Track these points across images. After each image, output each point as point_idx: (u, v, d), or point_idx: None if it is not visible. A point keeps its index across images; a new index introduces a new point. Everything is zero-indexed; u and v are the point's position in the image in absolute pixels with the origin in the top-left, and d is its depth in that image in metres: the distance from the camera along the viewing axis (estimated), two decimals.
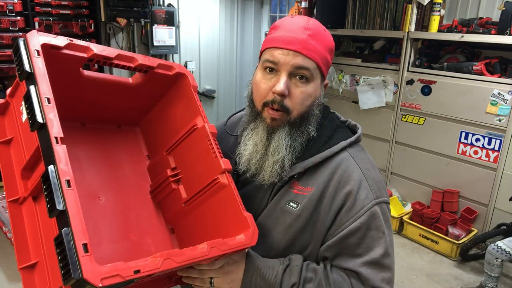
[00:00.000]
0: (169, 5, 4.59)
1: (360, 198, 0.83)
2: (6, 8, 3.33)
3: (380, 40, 3.78)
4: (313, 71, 0.83)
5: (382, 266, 0.82)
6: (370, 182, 0.85)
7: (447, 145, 3.22)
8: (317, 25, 0.86)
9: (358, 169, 0.86)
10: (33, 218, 0.78)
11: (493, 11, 3.21)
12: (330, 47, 0.87)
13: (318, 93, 0.87)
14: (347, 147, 0.88)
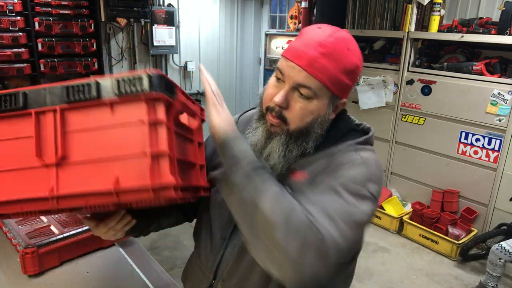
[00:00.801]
0: (169, 5, 4.59)
1: (348, 170, 0.80)
2: (6, 8, 3.33)
3: (380, 40, 3.78)
4: (316, 90, 0.80)
5: (350, 216, 0.75)
6: (365, 169, 0.81)
7: (447, 145, 3.22)
8: (338, 42, 0.81)
9: (360, 158, 0.83)
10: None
11: (493, 11, 3.21)
12: (348, 68, 0.80)
13: (322, 112, 0.83)
14: (355, 144, 0.86)
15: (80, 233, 1.34)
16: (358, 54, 0.83)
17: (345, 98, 0.86)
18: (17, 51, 3.46)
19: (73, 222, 1.42)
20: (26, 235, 1.29)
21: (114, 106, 0.75)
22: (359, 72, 0.84)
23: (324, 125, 0.85)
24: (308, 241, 0.66)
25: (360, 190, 0.78)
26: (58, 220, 1.43)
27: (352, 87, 0.84)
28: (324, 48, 0.79)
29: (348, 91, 0.85)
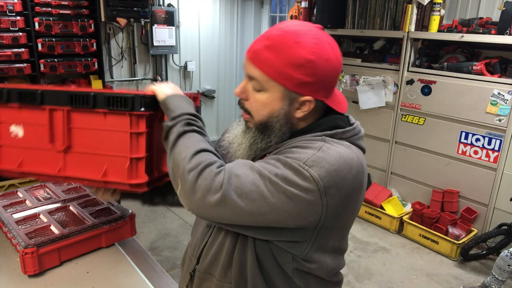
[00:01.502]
0: (169, 5, 4.59)
1: (295, 154, 0.80)
2: (6, 8, 3.33)
3: (380, 40, 3.78)
4: (263, 82, 0.82)
5: (252, 173, 0.78)
6: (318, 153, 0.78)
7: (447, 145, 3.22)
8: (285, 35, 0.80)
9: (319, 146, 0.80)
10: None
11: (493, 11, 3.21)
12: (294, 61, 0.79)
13: (276, 106, 0.84)
14: (322, 135, 0.84)
15: (80, 233, 1.34)
16: (309, 48, 0.79)
17: (309, 95, 0.82)
18: (17, 51, 3.46)
19: (73, 222, 1.42)
20: (26, 235, 1.29)
21: (106, 115, 0.97)
22: (315, 67, 0.79)
23: (289, 123, 0.86)
24: (200, 185, 0.77)
25: (291, 167, 0.77)
26: (58, 220, 1.43)
27: (310, 82, 0.80)
28: (268, 40, 0.81)
29: (307, 87, 0.81)
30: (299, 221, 0.79)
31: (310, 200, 0.76)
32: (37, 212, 1.46)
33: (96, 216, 1.46)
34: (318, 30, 0.84)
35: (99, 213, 1.50)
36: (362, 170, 0.83)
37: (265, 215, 0.77)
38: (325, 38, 0.83)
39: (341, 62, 0.86)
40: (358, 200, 0.86)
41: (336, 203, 0.79)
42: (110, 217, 1.44)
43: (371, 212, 3.57)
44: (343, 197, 0.80)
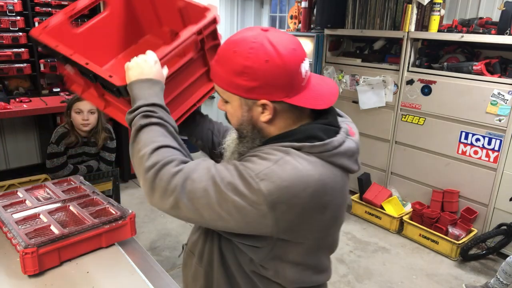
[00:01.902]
0: None
1: (251, 163, 0.81)
2: (6, 8, 3.34)
3: (380, 40, 3.78)
4: (222, 94, 0.89)
5: (204, 190, 0.80)
6: (272, 166, 0.78)
7: (447, 145, 3.22)
8: (226, 47, 0.85)
9: (279, 156, 0.80)
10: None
11: (493, 11, 3.21)
12: (236, 70, 0.82)
13: (239, 113, 0.88)
14: (290, 147, 0.82)
15: (80, 233, 1.34)
16: (246, 55, 0.81)
17: (263, 98, 0.83)
18: (17, 51, 3.47)
19: (73, 222, 1.42)
20: (26, 235, 1.29)
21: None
22: (254, 71, 0.81)
23: (257, 127, 0.88)
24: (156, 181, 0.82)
25: (242, 178, 0.78)
26: (58, 220, 1.43)
27: (256, 86, 0.82)
28: (217, 55, 0.88)
29: (256, 91, 0.83)
30: (250, 230, 0.82)
31: (258, 213, 0.77)
32: (37, 212, 1.46)
33: (96, 216, 1.46)
34: (260, 33, 0.83)
35: (99, 213, 1.50)
36: (323, 190, 0.80)
37: (215, 221, 0.81)
38: (265, 39, 0.82)
39: (287, 58, 0.82)
40: (322, 219, 0.84)
41: (289, 220, 0.79)
42: (110, 217, 1.44)
43: (371, 212, 3.57)
44: (297, 215, 0.79)
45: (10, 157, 3.88)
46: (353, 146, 0.88)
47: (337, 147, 0.84)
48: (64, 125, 2.48)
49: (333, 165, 0.84)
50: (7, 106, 3.22)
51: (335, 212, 0.87)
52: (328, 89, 0.91)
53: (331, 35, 3.94)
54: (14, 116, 3.29)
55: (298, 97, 0.85)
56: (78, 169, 2.51)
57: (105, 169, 2.64)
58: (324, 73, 4.00)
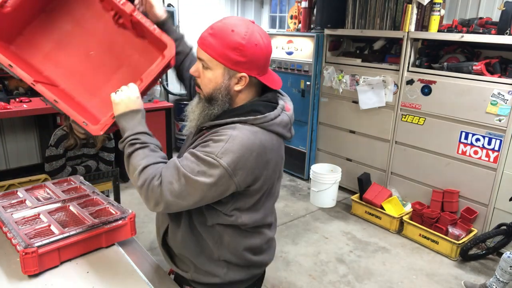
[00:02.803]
0: (169, 5, 4.59)
1: (208, 147, 1.06)
2: None
3: (380, 40, 3.78)
4: (208, 62, 1.08)
5: (178, 180, 1.05)
6: (225, 145, 1.03)
7: (447, 145, 3.22)
8: (224, 26, 1.06)
9: (228, 135, 1.05)
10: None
11: (493, 11, 3.21)
12: (231, 45, 1.04)
13: (219, 80, 1.09)
14: (238, 122, 1.08)
15: (80, 233, 1.34)
16: (242, 35, 1.04)
17: (243, 71, 1.08)
18: None
19: (73, 222, 1.42)
20: (26, 235, 1.29)
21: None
22: (246, 50, 1.05)
23: (230, 94, 1.11)
24: (148, 191, 1.08)
25: (208, 163, 1.03)
26: (58, 220, 1.43)
27: (243, 61, 1.06)
28: (212, 30, 1.08)
29: (241, 65, 1.06)
30: (223, 195, 1.09)
31: (224, 182, 1.05)
32: (37, 212, 1.46)
33: (96, 216, 1.46)
34: (250, 23, 1.08)
35: (99, 213, 1.50)
36: (264, 151, 1.08)
37: (200, 201, 1.08)
38: (255, 29, 1.08)
39: (269, 47, 1.10)
40: (268, 174, 1.12)
41: (245, 178, 1.07)
42: (110, 217, 1.44)
43: (371, 212, 3.57)
44: (249, 173, 1.07)
45: (10, 157, 3.89)
46: (286, 118, 1.15)
47: (273, 119, 1.11)
48: (63, 128, 2.48)
49: (271, 132, 1.11)
50: (7, 106, 3.22)
51: (275, 166, 1.16)
52: (278, 78, 1.21)
53: (331, 35, 3.94)
54: (14, 116, 3.29)
55: (265, 77, 1.13)
56: (77, 170, 2.51)
57: (104, 169, 2.64)
58: (324, 73, 4.00)
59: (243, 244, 1.22)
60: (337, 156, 4.14)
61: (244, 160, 1.04)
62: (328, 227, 3.49)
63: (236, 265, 1.24)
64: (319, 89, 4.13)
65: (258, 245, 1.26)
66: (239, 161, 1.04)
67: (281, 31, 4.89)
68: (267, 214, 1.25)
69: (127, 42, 1.39)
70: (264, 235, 1.28)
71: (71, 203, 1.55)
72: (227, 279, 1.24)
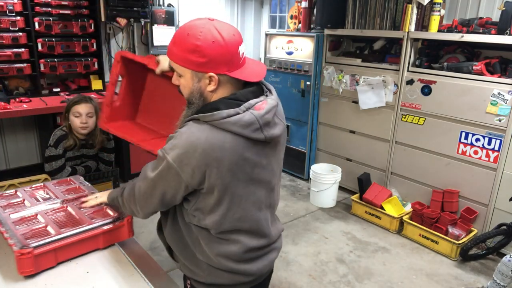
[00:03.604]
0: (169, 5, 4.59)
1: (165, 144, 1.12)
2: (6, 8, 3.34)
3: (380, 40, 3.78)
4: (177, 69, 1.13)
5: (143, 179, 1.18)
6: (173, 141, 1.09)
7: (447, 145, 3.22)
8: (180, 31, 1.09)
9: (178, 133, 1.10)
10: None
11: (493, 11, 3.21)
12: (189, 48, 1.06)
13: (190, 84, 1.12)
14: (192, 120, 1.11)
15: (76, 234, 1.34)
16: (197, 37, 1.05)
17: (209, 71, 1.08)
18: (17, 51, 3.47)
19: (71, 223, 1.42)
20: (23, 235, 1.29)
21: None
22: (204, 50, 1.05)
23: (203, 95, 1.13)
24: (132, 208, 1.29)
25: (159, 158, 1.11)
26: (56, 220, 1.43)
27: (205, 62, 1.06)
28: (173, 38, 1.11)
29: (205, 66, 1.07)
30: (178, 191, 1.13)
31: (173, 177, 1.09)
32: (35, 212, 1.46)
33: (93, 217, 1.46)
34: (208, 21, 1.08)
35: (97, 214, 1.49)
36: (211, 148, 1.06)
37: (163, 196, 1.16)
38: (212, 26, 1.06)
39: (230, 41, 1.07)
40: (220, 172, 1.08)
41: (191, 175, 1.07)
42: (107, 218, 1.44)
43: (371, 212, 3.57)
44: (196, 170, 1.06)
45: (10, 157, 3.89)
46: (249, 118, 1.08)
47: (225, 117, 1.06)
48: (62, 128, 2.48)
49: (223, 130, 1.07)
50: (7, 106, 3.22)
51: (232, 166, 1.09)
52: (259, 69, 1.19)
53: (331, 35, 3.94)
54: (14, 116, 3.29)
55: (236, 72, 1.11)
56: (77, 170, 2.51)
57: (104, 169, 2.63)
58: (324, 73, 4.00)
59: (216, 250, 1.19)
60: (337, 156, 4.13)
61: (189, 156, 1.06)
62: (328, 227, 3.49)
63: (217, 269, 1.22)
64: (319, 89, 4.13)
65: (235, 253, 1.20)
66: (184, 157, 1.06)
67: (281, 31, 4.88)
68: (238, 220, 1.17)
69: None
70: (241, 244, 1.20)
71: (70, 203, 1.55)
72: (209, 280, 1.24)
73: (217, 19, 1.10)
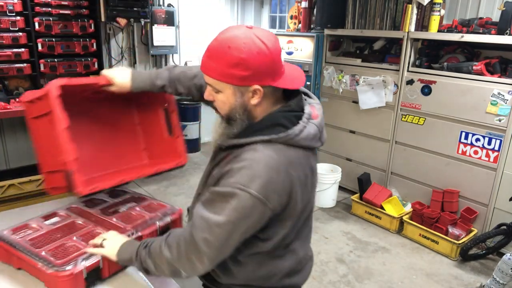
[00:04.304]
0: (169, 5, 4.59)
1: (231, 178, 0.98)
2: (6, 8, 3.33)
3: (380, 40, 3.78)
4: (215, 85, 1.02)
5: (211, 228, 0.98)
6: (249, 172, 0.97)
7: (447, 145, 3.22)
8: (219, 44, 0.98)
9: (250, 160, 0.98)
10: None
11: (493, 11, 3.21)
12: (233, 62, 0.96)
13: (232, 100, 1.03)
14: (260, 142, 1.01)
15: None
16: (241, 49, 0.95)
17: (254, 83, 0.99)
18: (17, 51, 3.46)
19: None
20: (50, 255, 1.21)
21: None
22: (249, 62, 0.96)
23: (247, 110, 1.04)
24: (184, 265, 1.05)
25: (227, 195, 0.96)
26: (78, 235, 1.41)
27: (249, 74, 0.97)
28: (209, 52, 1.01)
29: (250, 79, 0.98)
30: (262, 224, 1.02)
31: (259, 211, 0.97)
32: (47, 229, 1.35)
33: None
34: (247, 30, 0.99)
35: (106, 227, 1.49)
36: (290, 166, 1.01)
37: (241, 238, 1.01)
38: (253, 35, 0.97)
39: (274, 49, 0.99)
40: (300, 185, 1.04)
41: (279, 200, 0.99)
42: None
43: (371, 212, 3.57)
44: (282, 193, 1.00)
45: (10, 157, 3.88)
46: (314, 129, 1.06)
47: (298, 134, 1.02)
48: None
49: (296, 146, 1.03)
50: (7, 106, 3.22)
51: (307, 179, 1.08)
52: (298, 73, 1.11)
53: (331, 35, 3.94)
54: (14, 116, 3.29)
55: (280, 80, 1.03)
56: None
57: None
58: (324, 73, 4.00)
59: (268, 269, 1.15)
60: (337, 156, 4.14)
61: (274, 182, 0.97)
62: (328, 227, 3.49)
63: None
64: (319, 89, 4.13)
65: (289, 266, 1.18)
66: (269, 184, 0.96)
67: (281, 31, 4.88)
68: (300, 228, 1.17)
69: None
70: (296, 255, 1.19)
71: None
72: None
73: (255, 26, 1.02)
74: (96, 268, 1.22)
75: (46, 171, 1.43)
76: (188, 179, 4.39)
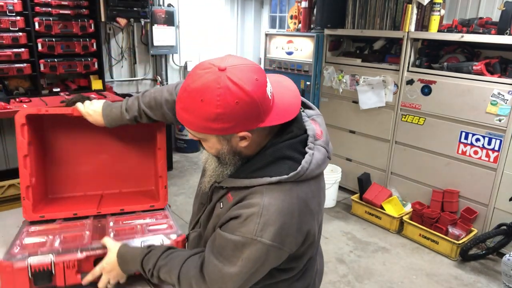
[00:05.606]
0: (169, 5, 4.59)
1: (242, 227, 0.90)
2: (6, 8, 3.33)
3: (380, 40, 3.78)
4: (196, 134, 0.92)
5: (224, 279, 0.92)
6: (260, 220, 0.88)
7: (447, 145, 3.22)
8: (190, 96, 0.85)
9: (259, 206, 0.89)
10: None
11: (493, 11, 3.21)
12: (208, 117, 0.84)
13: (219, 147, 0.93)
14: (268, 184, 0.90)
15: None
16: (215, 103, 0.82)
17: (239, 131, 0.88)
18: (17, 51, 3.46)
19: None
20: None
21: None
22: (227, 115, 0.83)
23: (236, 154, 0.95)
24: None
25: (239, 245, 0.89)
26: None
27: (231, 125, 0.85)
28: (181, 103, 0.88)
29: (233, 128, 0.86)
30: (278, 261, 0.95)
31: (275, 256, 0.91)
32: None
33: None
34: (220, 75, 0.83)
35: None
36: (305, 204, 0.92)
37: (259, 276, 0.96)
38: (227, 81, 0.82)
39: (255, 90, 0.84)
40: (317, 217, 0.99)
41: (295, 241, 0.93)
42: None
43: (371, 212, 3.57)
44: (299, 234, 0.92)
45: (10, 157, 3.88)
46: (321, 155, 0.96)
47: (308, 167, 0.91)
48: None
49: (307, 180, 0.93)
50: (7, 106, 3.22)
51: (318, 206, 0.99)
52: (292, 95, 0.96)
53: (331, 35, 3.94)
54: (14, 116, 3.29)
55: (269, 118, 0.89)
56: None
57: None
58: (324, 73, 4.00)
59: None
60: (337, 156, 4.14)
61: (288, 226, 0.89)
62: (328, 227, 3.49)
63: None
64: (319, 89, 4.13)
65: (308, 283, 1.16)
66: (282, 230, 0.88)
67: (281, 31, 4.89)
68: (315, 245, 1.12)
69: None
70: (315, 269, 1.17)
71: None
72: None
73: (229, 66, 0.84)
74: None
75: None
76: (188, 179, 4.39)
